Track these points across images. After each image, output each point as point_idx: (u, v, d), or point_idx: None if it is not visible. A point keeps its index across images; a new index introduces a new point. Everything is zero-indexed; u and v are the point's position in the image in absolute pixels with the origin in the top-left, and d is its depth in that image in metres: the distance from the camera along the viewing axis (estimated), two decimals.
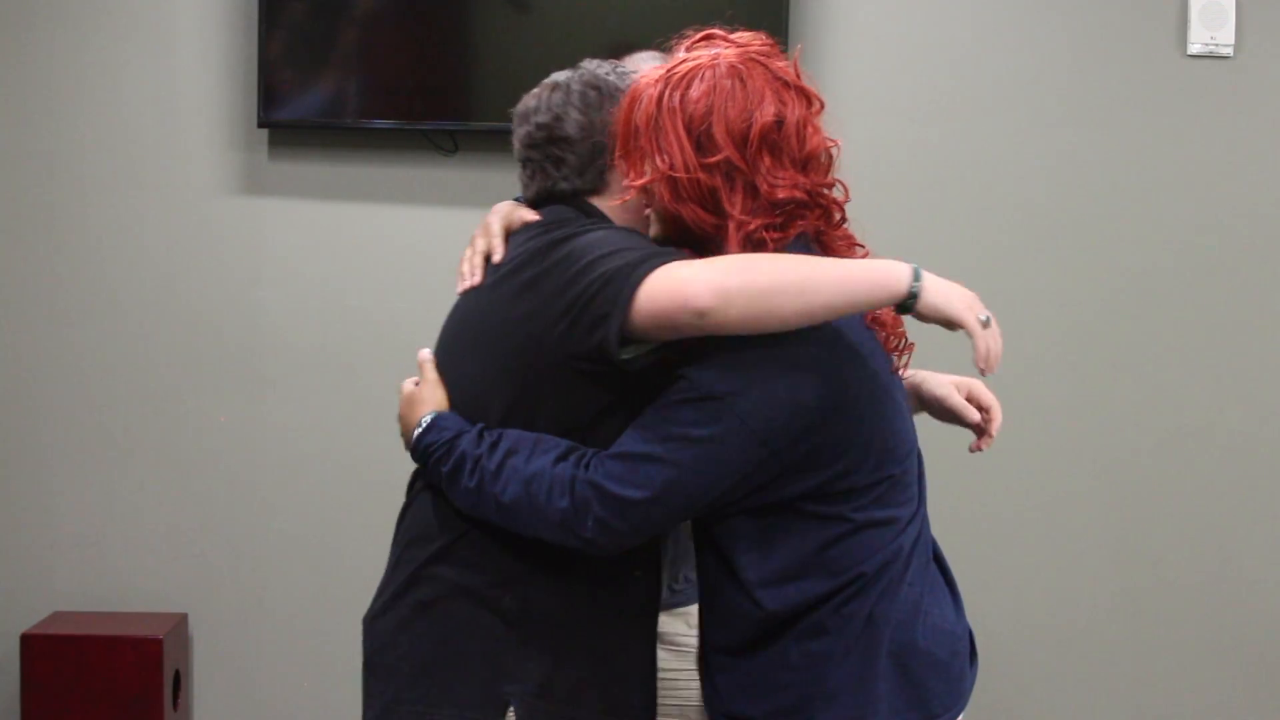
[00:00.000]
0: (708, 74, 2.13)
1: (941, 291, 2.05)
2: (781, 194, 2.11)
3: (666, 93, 2.13)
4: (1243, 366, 4.17)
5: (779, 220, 2.12)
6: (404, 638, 2.19)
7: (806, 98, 2.17)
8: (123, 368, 4.06)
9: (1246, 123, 4.12)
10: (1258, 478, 4.17)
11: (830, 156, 2.17)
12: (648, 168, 2.15)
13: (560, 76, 2.32)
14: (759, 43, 2.19)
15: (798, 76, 2.17)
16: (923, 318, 2.07)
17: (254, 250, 4.04)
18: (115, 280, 4.05)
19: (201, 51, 4.02)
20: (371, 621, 2.25)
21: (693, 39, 2.21)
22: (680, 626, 2.57)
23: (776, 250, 2.10)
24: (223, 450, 4.05)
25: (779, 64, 2.17)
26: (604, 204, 2.27)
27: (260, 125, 3.97)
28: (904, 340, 2.21)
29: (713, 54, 2.15)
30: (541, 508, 2.09)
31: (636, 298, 2.03)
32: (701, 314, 2.00)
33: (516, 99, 4.34)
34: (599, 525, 2.07)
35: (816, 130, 2.16)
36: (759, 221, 2.10)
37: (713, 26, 2.22)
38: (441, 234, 2.93)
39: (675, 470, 2.05)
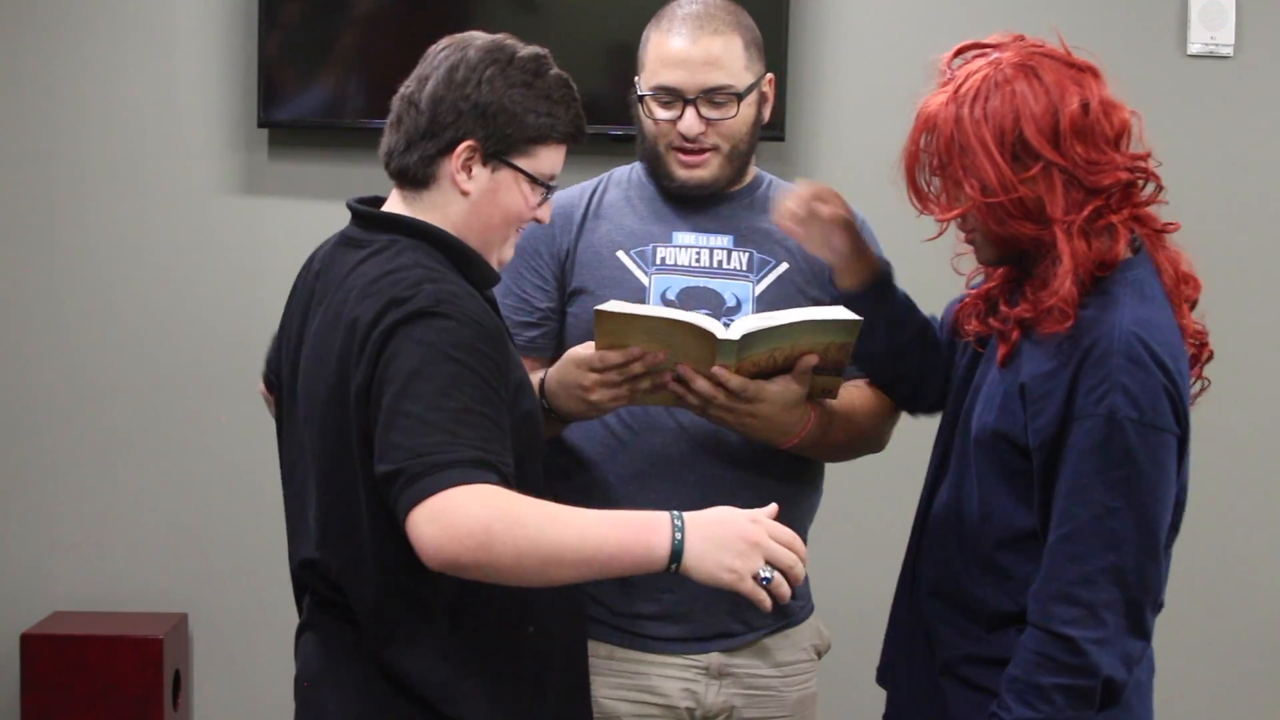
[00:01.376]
0: (999, 79, 2.04)
1: (704, 564, 1.92)
2: (1107, 179, 2.03)
3: (965, 111, 2.02)
4: (1243, 366, 4.16)
5: (1110, 204, 2.04)
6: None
7: (1094, 73, 2.10)
8: (122, 367, 4.06)
9: (1246, 123, 4.13)
10: (1258, 478, 4.18)
11: (1133, 127, 2.10)
12: (960, 197, 2.05)
13: (478, 38, 2.16)
14: (1018, 39, 2.13)
15: (1071, 54, 2.10)
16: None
17: (254, 250, 4.04)
18: (115, 280, 4.05)
19: (201, 51, 4.02)
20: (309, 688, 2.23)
21: (950, 55, 2.13)
22: (759, 667, 2.51)
23: (1125, 231, 2.03)
24: (223, 450, 4.05)
25: (1054, 49, 2.11)
26: (429, 209, 2.12)
27: (260, 125, 3.97)
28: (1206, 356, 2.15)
29: (990, 60, 2.07)
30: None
31: (408, 521, 1.91)
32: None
33: None
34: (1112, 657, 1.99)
35: (1116, 104, 2.10)
36: (1088, 212, 2.01)
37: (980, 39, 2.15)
38: None
39: (1119, 553, 1.98)
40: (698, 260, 2.47)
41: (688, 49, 2.41)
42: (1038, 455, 2.03)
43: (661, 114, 2.43)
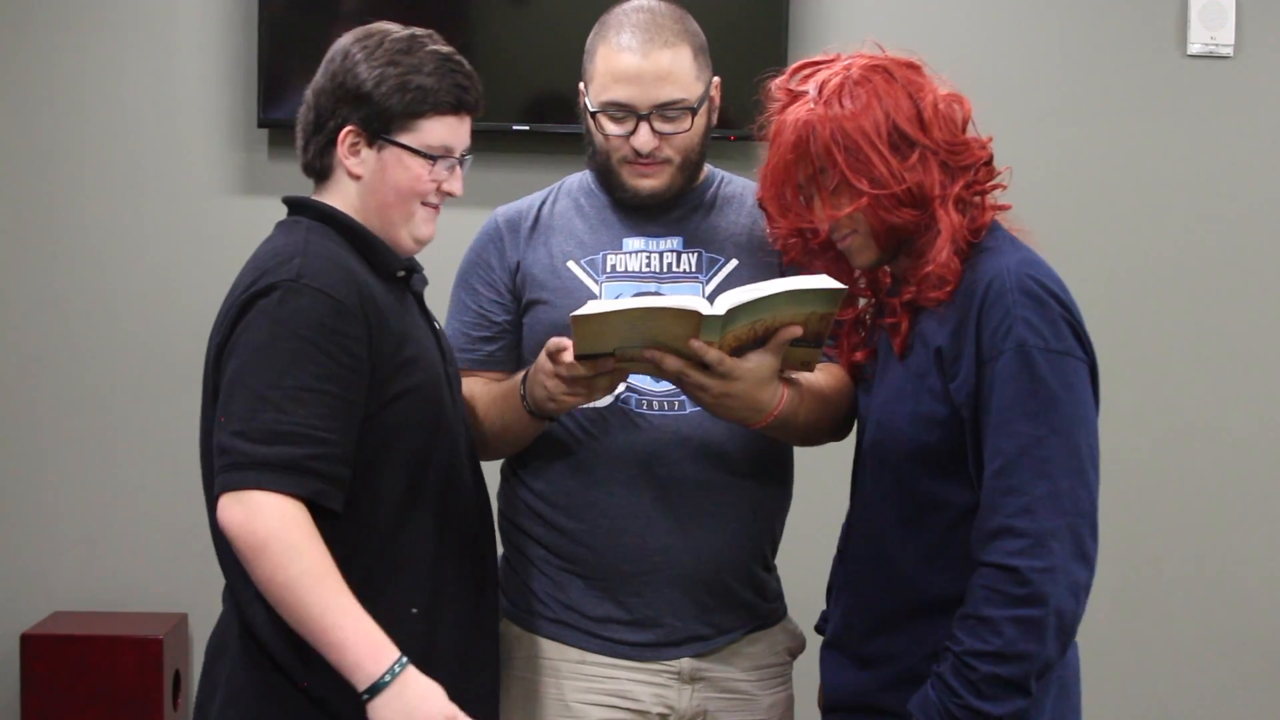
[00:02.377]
0: (855, 79, 2.10)
1: (383, 712, 1.98)
2: (969, 159, 2.11)
3: (836, 110, 2.07)
4: (1242, 366, 4.17)
5: (977, 178, 2.12)
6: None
7: (922, 70, 2.17)
8: (122, 367, 4.06)
9: (1246, 123, 4.13)
10: (1258, 478, 4.18)
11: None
12: (845, 198, 2.09)
13: (360, 30, 2.24)
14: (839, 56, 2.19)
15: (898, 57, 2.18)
16: None
17: (254, 250, 4.03)
18: (115, 280, 4.05)
19: (201, 51, 4.02)
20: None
21: (787, 76, 2.18)
22: (732, 671, 2.49)
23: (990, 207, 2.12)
24: None
25: (884, 57, 2.18)
26: (333, 197, 2.20)
27: (260, 125, 3.97)
28: None
29: (839, 67, 2.13)
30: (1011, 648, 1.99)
31: (220, 497, 2.03)
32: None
33: (516, 99, 4.36)
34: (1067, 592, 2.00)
35: (957, 94, 2.17)
36: (960, 186, 2.10)
37: None
38: (441, 233, 2.92)
39: (1051, 480, 2.00)
40: (648, 265, 2.46)
41: (639, 63, 2.36)
42: (966, 411, 2.06)
43: (613, 129, 2.40)
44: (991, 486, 2.02)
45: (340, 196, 2.20)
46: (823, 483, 2.86)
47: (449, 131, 2.19)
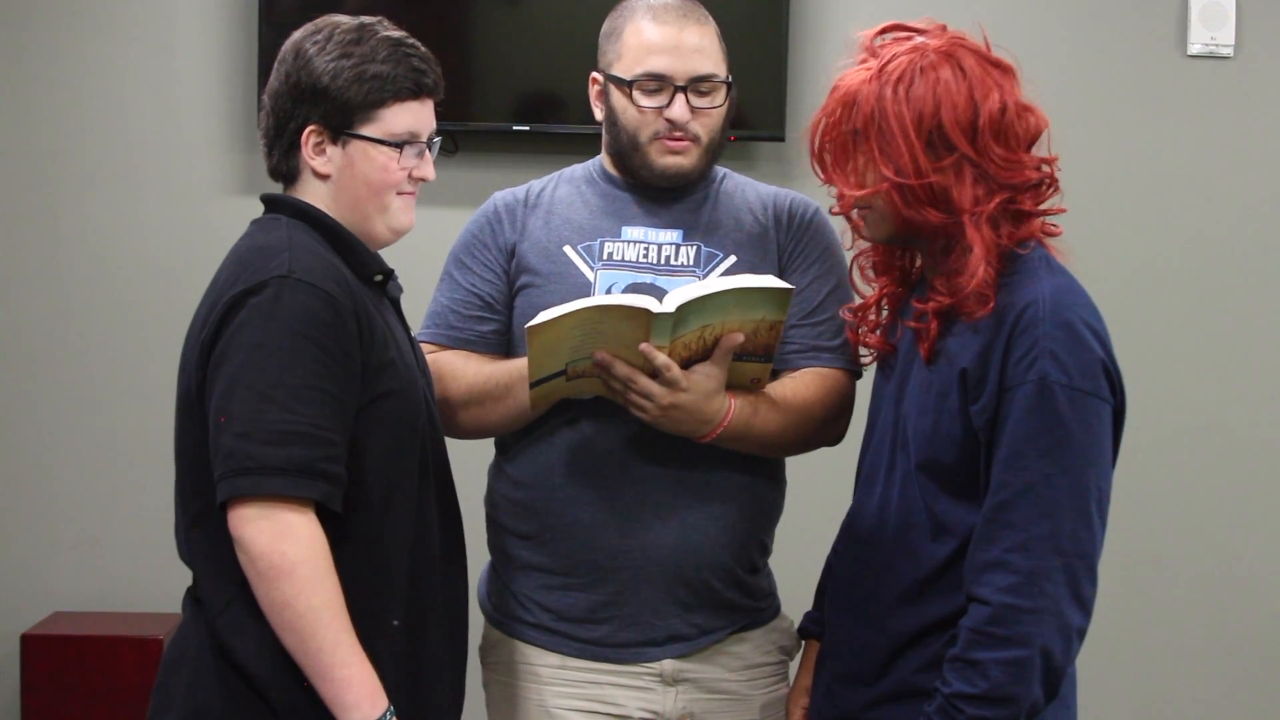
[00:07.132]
0: (924, 65, 2.04)
1: None
2: (1017, 178, 2.04)
3: (888, 92, 2.02)
4: (1243, 366, 4.17)
5: (1016, 197, 2.05)
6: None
7: (1012, 73, 2.10)
8: (123, 367, 4.06)
9: (1246, 123, 4.13)
10: (1258, 477, 4.18)
11: (1044, 132, 2.11)
12: (870, 177, 2.05)
13: (309, 26, 2.19)
14: (944, 29, 2.12)
15: (991, 51, 2.11)
16: None
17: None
18: (115, 280, 4.05)
19: (201, 51, 4.02)
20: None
21: (875, 33, 2.12)
22: (717, 671, 2.47)
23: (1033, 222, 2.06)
24: None
25: (977, 44, 2.11)
26: (307, 197, 2.15)
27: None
28: None
29: (915, 45, 2.07)
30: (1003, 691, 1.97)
31: (235, 505, 1.98)
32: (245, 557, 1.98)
33: (516, 99, 4.35)
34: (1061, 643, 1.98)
35: (1031, 107, 2.10)
36: (996, 204, 2.03)
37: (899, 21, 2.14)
38: (441, 233, 2.92)
39: (1054, 520, 1.97)
40: (645, 255, 2.44)
41: (677, 35, 2.39)
42: (983, 435, 2.02)
43: (647, 102, 2.40)
44: (992, 518, 2.00)
45: (311, 197, 2.16)
46: (822, 480, 2.86)
47: (412, 117, 2.15)
